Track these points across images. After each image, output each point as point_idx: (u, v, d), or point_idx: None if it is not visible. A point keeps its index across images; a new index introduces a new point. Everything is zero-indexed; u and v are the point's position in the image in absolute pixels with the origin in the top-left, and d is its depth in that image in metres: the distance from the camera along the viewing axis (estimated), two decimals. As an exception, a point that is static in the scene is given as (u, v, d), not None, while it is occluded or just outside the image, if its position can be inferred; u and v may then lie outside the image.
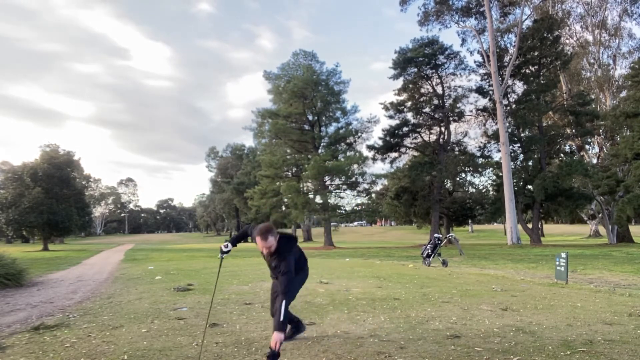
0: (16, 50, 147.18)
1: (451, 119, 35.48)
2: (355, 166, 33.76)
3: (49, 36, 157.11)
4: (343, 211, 36.35)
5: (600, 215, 32.75)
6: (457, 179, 37.67)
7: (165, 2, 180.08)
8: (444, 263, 12.33)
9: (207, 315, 4.53)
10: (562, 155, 34.76)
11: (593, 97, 35.17)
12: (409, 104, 36.03)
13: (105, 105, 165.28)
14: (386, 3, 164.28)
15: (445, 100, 35.51)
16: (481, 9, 31.06)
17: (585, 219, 44.26)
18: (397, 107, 35.96)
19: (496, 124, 30.99)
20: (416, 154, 37.25)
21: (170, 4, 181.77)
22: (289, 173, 36.72)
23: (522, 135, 32.83)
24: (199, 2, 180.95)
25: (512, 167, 29.68)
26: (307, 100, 33.16)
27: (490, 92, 32.64)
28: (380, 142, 36.22)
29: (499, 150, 31.98)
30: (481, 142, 36.16)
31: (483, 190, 39.09)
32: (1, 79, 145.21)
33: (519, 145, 32.68)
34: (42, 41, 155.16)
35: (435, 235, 13.56)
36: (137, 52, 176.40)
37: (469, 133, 44.53)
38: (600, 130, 33.29)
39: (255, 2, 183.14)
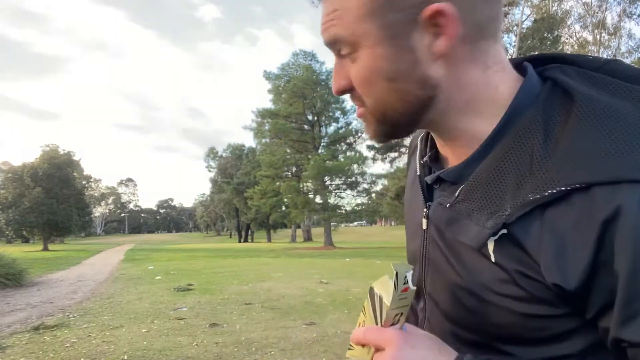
0: (23, 53, 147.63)
1: (451, 118, 35.50)
2: (355, 166, 33.78)
3: (55, 39, 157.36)
4: (343, 211, 36.34)
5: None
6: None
7: (172, 6, 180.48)
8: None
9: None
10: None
11: (593, 97, 35.23)
12: (409, 103, 36.07)
13: (110, 107, 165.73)
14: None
15: (445, 100, 35.53)
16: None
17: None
18: (397, 107, 36.00)
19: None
20: (416, 153, 37.25)
21: (176, 7, 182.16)
22: (289, 173, 36.72)
23: (522, 135, 32.90)
24: (204, 6, 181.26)
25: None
26: (307, 100, 33.16)
27: (490, 92, 32.70)
28: (380, 142, 36.21)
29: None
30: (481, 142, 36.21)
31: (483, 190, 39.09)
32: (7, 80, 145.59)
33: (519, 145, 32.76)
34: (49, 44, 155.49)
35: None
36: (142, 54, 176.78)
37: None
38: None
39: (259, 7, 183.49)
